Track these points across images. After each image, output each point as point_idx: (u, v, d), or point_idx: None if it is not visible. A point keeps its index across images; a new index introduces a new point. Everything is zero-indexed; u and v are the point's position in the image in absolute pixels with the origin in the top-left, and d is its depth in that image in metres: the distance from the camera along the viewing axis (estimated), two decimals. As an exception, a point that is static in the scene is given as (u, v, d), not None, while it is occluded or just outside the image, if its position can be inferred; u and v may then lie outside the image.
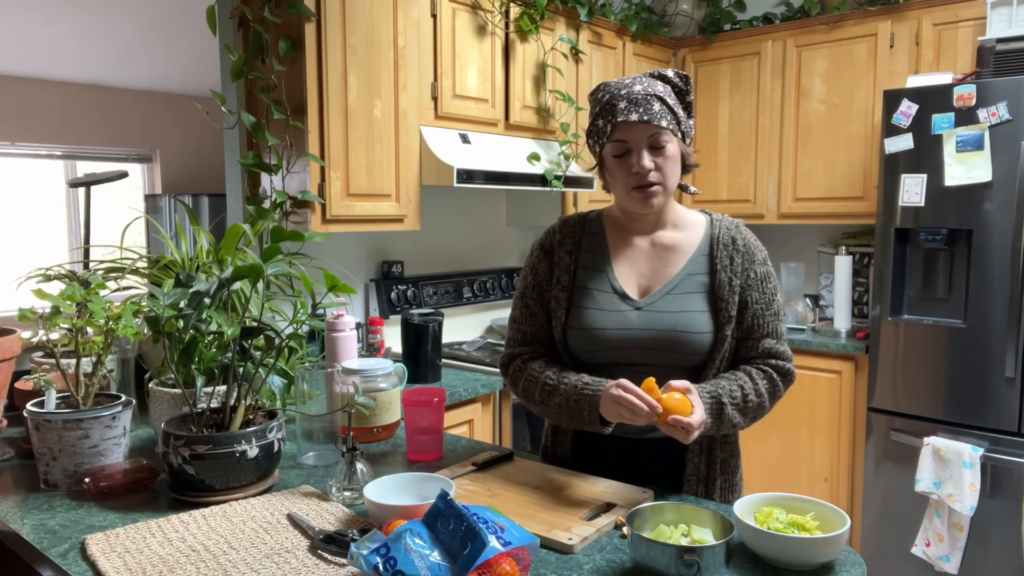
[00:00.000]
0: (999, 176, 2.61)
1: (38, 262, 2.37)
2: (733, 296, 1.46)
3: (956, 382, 2.74)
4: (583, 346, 1.50)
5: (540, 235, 1.63)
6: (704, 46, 3.73)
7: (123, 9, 4.30)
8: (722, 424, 1.40)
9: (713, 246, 1.50)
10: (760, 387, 1.45)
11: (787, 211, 3.52)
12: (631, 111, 1.40)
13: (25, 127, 5.49)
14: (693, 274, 1.49)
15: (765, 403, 1.46)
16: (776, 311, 1.51)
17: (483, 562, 0.97)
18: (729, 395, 1.41)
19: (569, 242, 1.57)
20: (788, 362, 1.49)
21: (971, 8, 2.98)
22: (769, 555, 1.15)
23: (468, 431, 2.53)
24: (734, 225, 1.53)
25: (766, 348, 1.48)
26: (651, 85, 1.44)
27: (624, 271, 1.53)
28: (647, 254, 1.53)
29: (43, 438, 1.46)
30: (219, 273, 1.60)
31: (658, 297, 1.48)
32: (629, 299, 1.49)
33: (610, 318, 1.48)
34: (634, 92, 1.41)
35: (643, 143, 1.42)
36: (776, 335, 1.49)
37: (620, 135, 1.43)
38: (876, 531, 2.96)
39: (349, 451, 1.42)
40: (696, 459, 1.49)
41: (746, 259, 1.49)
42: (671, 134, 1.44)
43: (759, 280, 1.49)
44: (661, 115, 1.41)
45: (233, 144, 2.54)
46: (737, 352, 1.50)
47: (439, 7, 2.64)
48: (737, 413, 1.42)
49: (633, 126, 1.41)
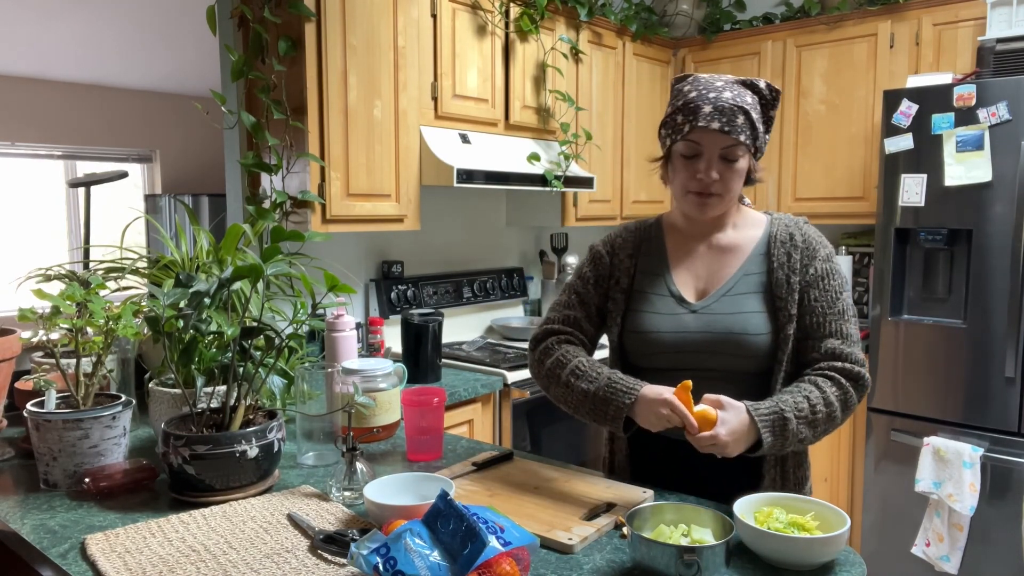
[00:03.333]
0: (999, 176, 2.61)
1: (38, 262, 2.37)
2: (792, 294, 1.41)
3: (956, 382, 2.74)
4: (639, 349, 1.48)
5: (600, 238, 1.61)
6: (704, 46, 3.73)
7: (123, 9, 4.30)
8: (787, 441, 1.31)
9: (771, 244, 1.46)
10: (829, 395, 1.34)
11: (787, 211, 3.52)
12: (714, 119, 1.36)
13: (25, 127, 5.49)
14: (750, 274, 1.46)
15: (836, 413, 1.34)
16: (841, 310, 1.41)
17: (483, 562, 0.97)
18: (794, 408, 1.31)
19: (630, 246, 1.56)
20: (859, 366, 1.37)
21: (971, 8, 2.98)
22: (769, 555, 1.15)
23: (468, 431, 2.53)
24: (794, 222, 1.48)
25: (830, 349, 1.38)
26: (741, 96, 1.39)
27: (682, 274, 1.50)
28: (704, 257, 1.51)
29: (43, 438, 1.46)
30: (219, 273, 1.60)
31: (714, 299, 1.45)
32: (686, 302, 1.47)
33: (666, 321, 1.45)
34: (722, 99, 1.37)
35: (716, 152, 1.39)
36: (841, 335, 1.39)
37: (696, 138, 1.39)
38: (876, 531, 2.96)
39: (349, 451, 1.42)
40: (772, 471, 1.42)
41: (806, 255, 1.43)
42: (746, 149, 1.40)
43: (819, 277, 1.41)
44: (742, 129, 1.37)
45: (233, 144, 2.54)
46: (800, 355, 1.42)
47: (439, 7, 2.64)
48: (805, 427, 1.31)
49: (712, 134, 1.38)
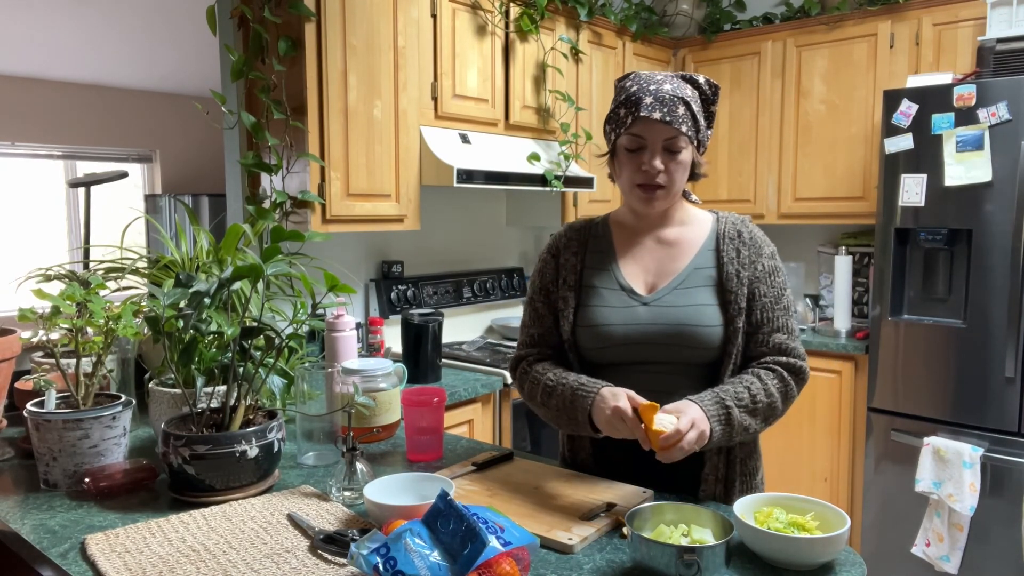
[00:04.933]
0: (999, 176, 2.61)
1: (38, 262, 2.36)
2: (742, 288, 1.45)
3: (956, 382, 2.74)
4: (592, 344, 1.49)
5: (546, 243, 1.63)
6: (704, 46, 3.73)
7: (123, 9, 4.30)
8: (732, 429, 1.36)
9: (719, 240, 1.49)
10: (770, 387, 1.40)
11: (787, 211, 3.52)
12: (655, 109, 1.39)
13: (25, 127, 5.49)
14: (700, 268, 1.48)
15: (776, 403, 1.41)
16: (786, 306, 1.47)
17: (483, 562, 0.97)
18: (735, 398, 1.37)
19: (575, 244, 1.57)
20: (800, 360, 1.45)
21: (971, 8, 2.98)
22: (769, 555, 1.15)
23: (468, 431, 2.53)
24: (740, 220, 1.53)
25: (776, 344, 1.45)
26: (680, 88, 1.42)
27: (631, 268, 1.52)
28: (653, 251, 1.53)
29: (43, 438, 1.46)
30: (219, 273, 1.60)
31: (666, 292, 1.47)
32: (636, 295, 1.49)
33: (618, 314, 1.47)
34: (662, 91, 1.40)
35: (659, 144, 1.42)
36: (786, 330, 1.46)
37: (638, 130, 1.42)
38: (876, 531, 2.96)
39: (349, 451, 1.42)
40: (715, 458, 1.46)
41: (753, 252, 1.48)
42: (688, 140, 1.43)
43: (767, 273, 1.47)
44: (683, 120, 1.40)
45: (233, 144, 2.54)
46: (747, 349, 1.47)
47: (439, 7, 2.64)
48: (747, 416, 1.37)
49: (653, 125, 1.40)
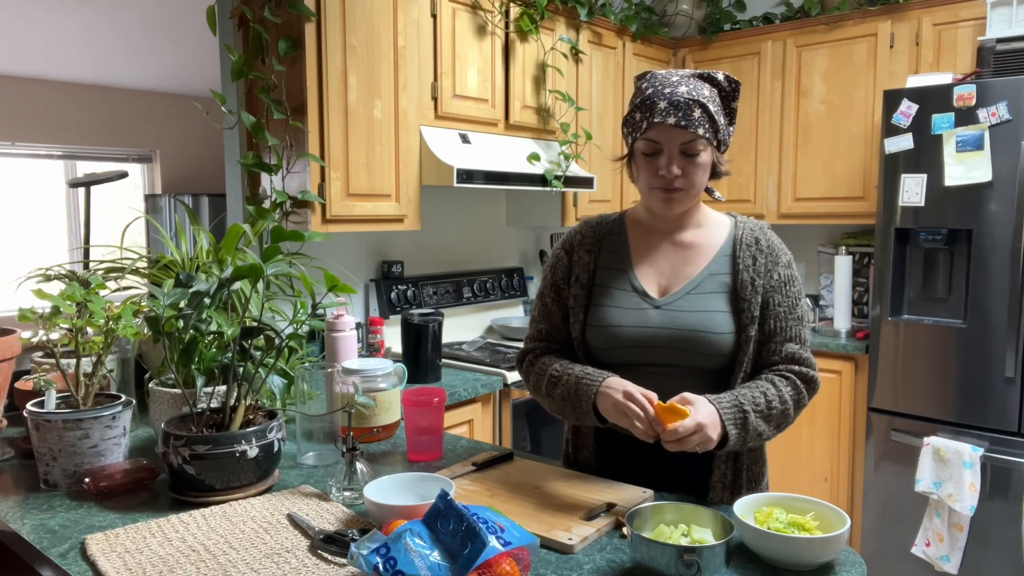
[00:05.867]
0: (999, 176, 2.61)
1: (38, 262, 2.37)
2: (756, 296, 1.43)
3: (956, 382, 2.74)
4: (601, 344, 1.48)
5: (560, 238, 1.62)
6: (704, 46, 3.73)
7: (123, 9, 4.30)
8: (748, 434, 1.35)
9: (736, 246, 1.48)
10: (784, 394, 1.39)
11: (787, 211, 3.52)
12: (669, 114, 1.36)
13: (25, 127, 5.49)
14: (715, 274, 1.47)
15: (790, 411, 1.40)
16: (800, 316, 1.46)
17: (483, 562, 0.97)
18: (752, 403, 1.35)
19: (589, 241, 1.56)
20: (812, 369, 1.44)
21: (971, 8, 2.98)
22: (769, 555, 1.15)
23: (468, 431, 2.53)
24: (759, 227, 1.51)
25: (788, 353, 1.44)
26: (697, 89, 1.39)
27: (645, 270, 1.51)
28: (668, 253, 1.51)
29: (43, 438, 1.46)
30: (219, 273, 1.60)
31: (679, 296, 1.46)
32: (649, 297, 1.47)
33: (629, 316, 1.46)
34: (677, 94, 1.37)
35: (675, 148, 1.39)
36: (799, 340, 1.45)
37: (654, 135, 1.40)
38: (876, 531, 2.96)
39: (349, 451, 1.42)
40: (723, 465, 1.45)
41: (770, 260, 1.46)
42: (706, 142, 1.40)
43: (783, 283, 1.45)
44: (699, 123, 1.37)
45: (233, 144, 2.54)
46: (759, 357, 1.46)
47: (439, 7, 2.64)
48: (762, 421, 1.36)
49: (669, 130, 1.38)
